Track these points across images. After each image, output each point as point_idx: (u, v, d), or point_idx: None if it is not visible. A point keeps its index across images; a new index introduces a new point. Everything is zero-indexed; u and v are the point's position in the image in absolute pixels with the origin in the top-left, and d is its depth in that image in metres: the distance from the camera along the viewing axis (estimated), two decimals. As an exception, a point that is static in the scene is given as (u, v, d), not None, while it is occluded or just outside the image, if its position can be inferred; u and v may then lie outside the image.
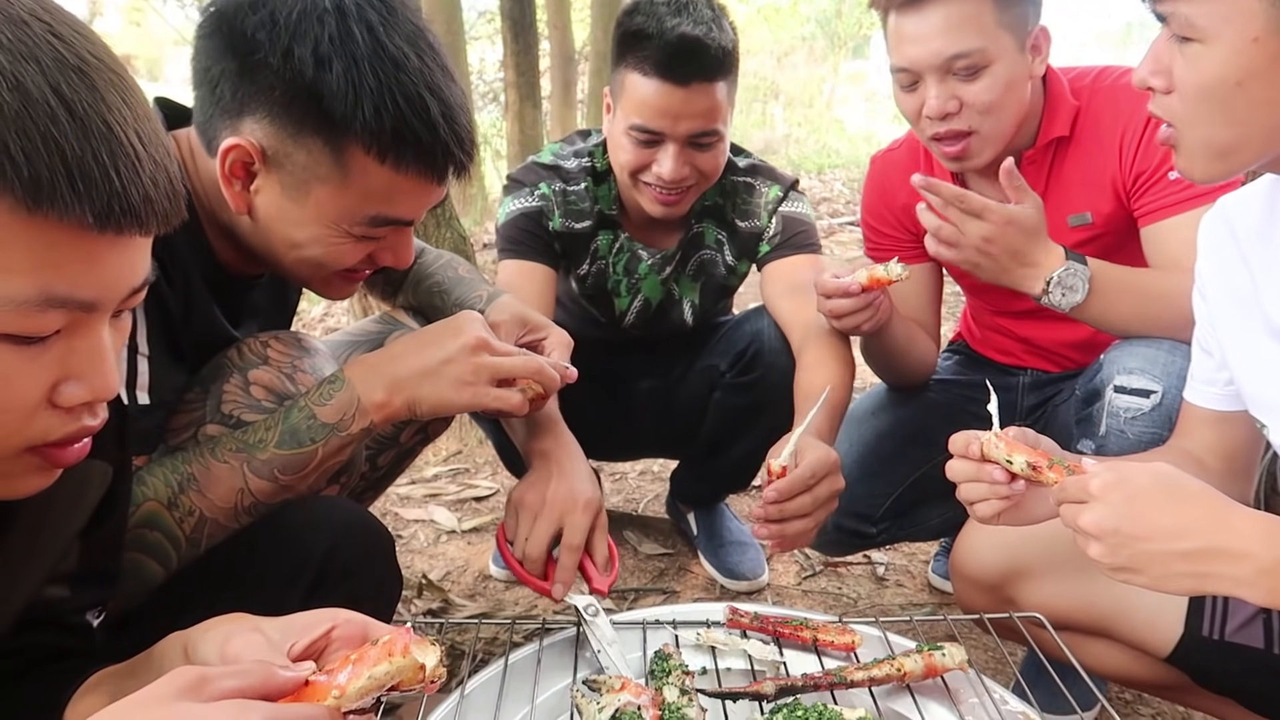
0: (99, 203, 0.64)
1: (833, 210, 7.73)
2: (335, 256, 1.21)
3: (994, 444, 1.10)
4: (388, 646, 0.75)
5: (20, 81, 0.62)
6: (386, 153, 1.12)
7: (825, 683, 1.17)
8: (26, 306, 0.65)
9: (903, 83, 1.62)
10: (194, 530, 1.12)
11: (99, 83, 0.66)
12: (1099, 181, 1.65)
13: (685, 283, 2.07)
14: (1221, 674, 1.27)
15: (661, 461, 2.87)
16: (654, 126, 1.75)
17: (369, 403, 1.19)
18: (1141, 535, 0.96)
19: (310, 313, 5.07)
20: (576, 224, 1.95)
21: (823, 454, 1.44)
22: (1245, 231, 1.18)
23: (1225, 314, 1.22)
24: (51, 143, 0.62)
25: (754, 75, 14.41)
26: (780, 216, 1.97)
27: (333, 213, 1.16)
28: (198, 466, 1.13)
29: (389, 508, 2.64)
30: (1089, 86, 1.67)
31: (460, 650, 1.87)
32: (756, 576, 2.20)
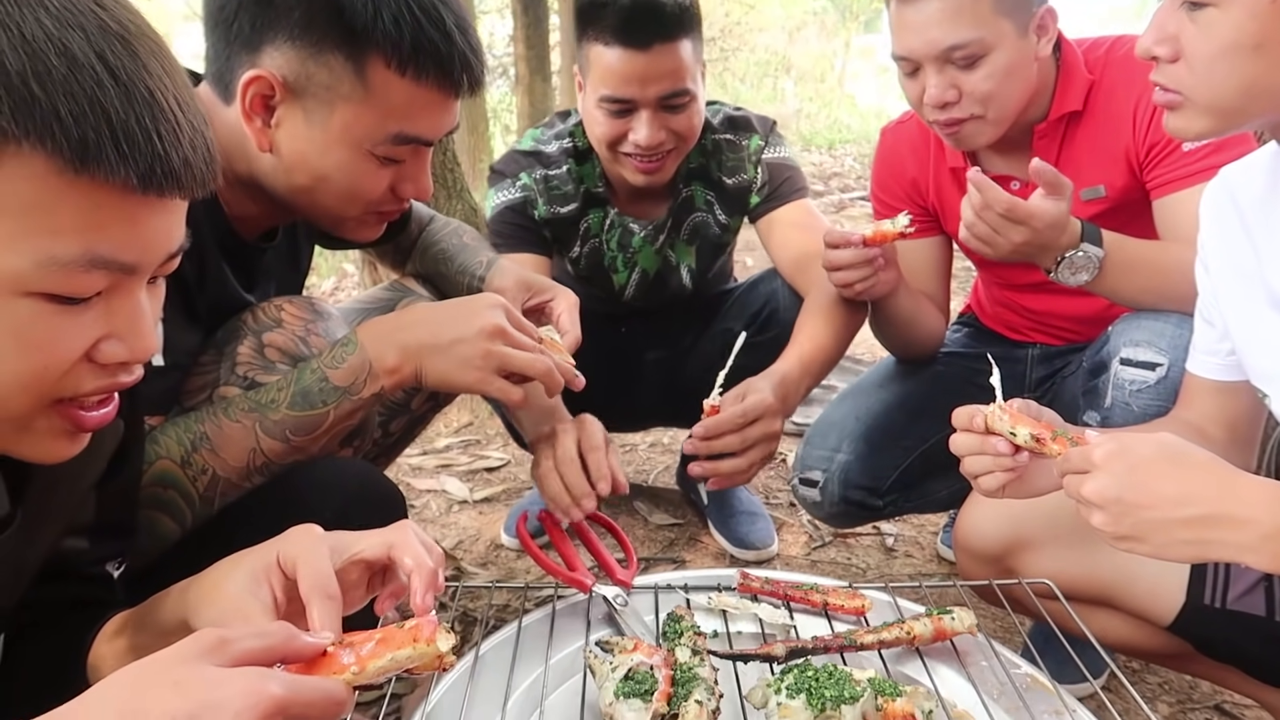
0: (142, 165, 0.66)
1: (844, 185, 7.70)
2: (361, 183, 1.23)
3: (998, 416, 1.12)
4: (413, 631, 0.76)
5: (67, 47, 0.64)
6: (407, 64, 1.16)
7: (835, 645, 1.19)
8: (71, 266, 0.67)
9: (904, 70, 1.63)
10: (207, 488, 1.14)
11: (141, 50, 0.68)
12: (1112, 154, 1.65)
13: (681, 247, 2.07)
14: (1223, 642, 1.28)
15: (671, 433, 2.89)
16: (623, 94, 1.75)
17: (380, 367, 1.20)
18: (1144, 503, 0.97)
19: (321, 286, 5.09)
20: (562, 208, 1.95)
21: (759, 398, 1.54)
22: (1248, 202, 1.18)
23: (1227, 284, 1.23)
24: (98, 107, 0.64)
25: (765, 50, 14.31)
26: (765, 165, 1.98)
27: (357, 132, 1.18)
28: (211, 426, 1.15)
29: (401, 478, 2.66)
30: (1103, 58, 1.66)
31: (473, 616, 1.90)
32: (766, 546, 2.22)
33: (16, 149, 0.63)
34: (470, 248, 1.70)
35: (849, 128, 11.51)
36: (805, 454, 1.92)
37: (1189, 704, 1.71)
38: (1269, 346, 1.18)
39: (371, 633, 0.77)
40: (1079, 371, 1.77)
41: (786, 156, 2.01)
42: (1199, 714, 1.69)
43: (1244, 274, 1.20)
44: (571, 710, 1.11)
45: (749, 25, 13.52)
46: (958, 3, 1.52)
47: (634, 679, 1.04)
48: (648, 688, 1.03)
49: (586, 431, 1.45)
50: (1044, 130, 1.68)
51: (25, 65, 0.63)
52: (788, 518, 2.42)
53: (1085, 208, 1.69)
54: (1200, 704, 1.71)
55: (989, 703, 1.12)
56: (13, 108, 0.63)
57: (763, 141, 1.98)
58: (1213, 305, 1.28)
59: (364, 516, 1.21)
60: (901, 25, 1.58)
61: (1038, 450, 1.10)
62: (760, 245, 2.06)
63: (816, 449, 1.90)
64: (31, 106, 0.63)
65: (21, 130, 0.63)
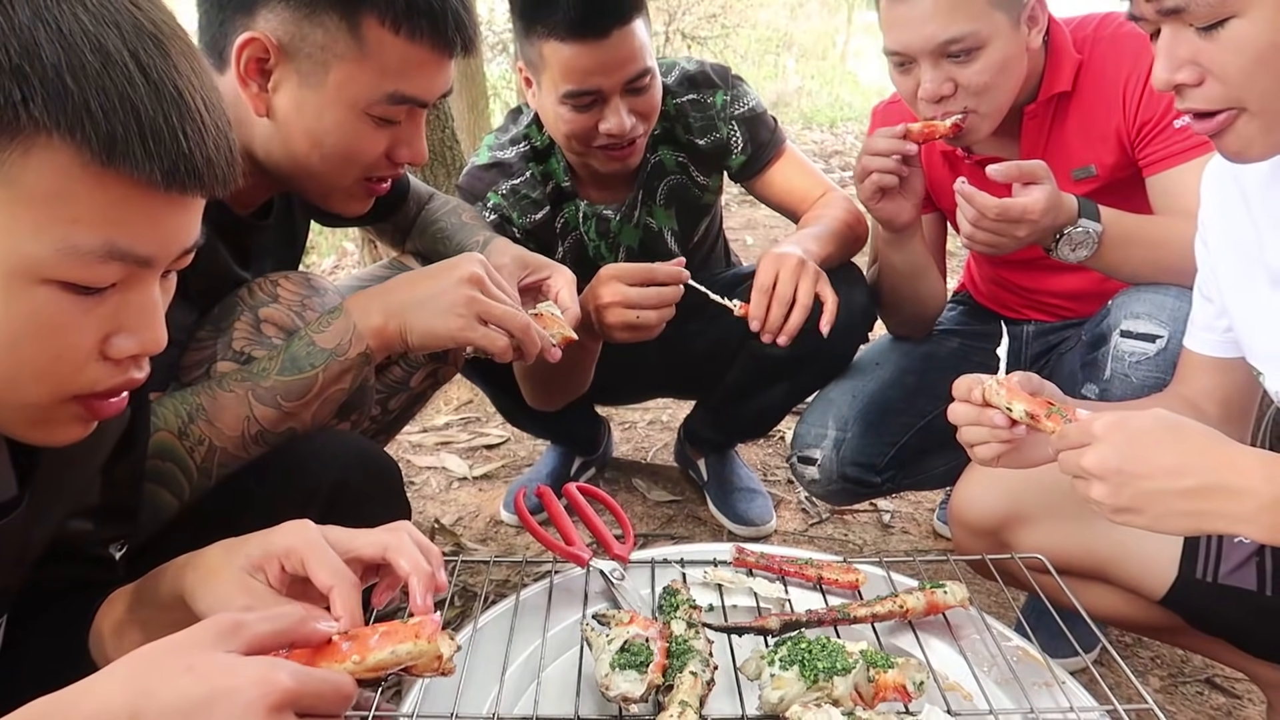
0: (167, 162, 0.68)
1: (844, 163, 7.66)
2: (356, 145, 1.24)
3: (995, 390, 1.13)
4: (415, 629, 0.78)
5: (102, 44, 0.66)
6: (400, 22, 1.18)
7: (829, 618, 1.20)
8: (90, 257, 0.69)
9: (897, 64, 1.62)
10: (204, 459, 1.16)
11: (172, 50, 0.70)
12: (1103, 133, 1.65)
13: (659, 213, 2.04)
14: (1214, 615, 1.30)
15: (670, 411, 2.90)
16: (589, 86, 1.69)
17: (365, 328, 1.22)
18: (1143, 473, 0.98)
19: (321, 265, 5.08)
20: (535, 215, 1.91)
21: (762, 266, 1.64)
22: (1251, 182, 1.18)
23: (1227, 263, 1.23)
24: (128, 103, 0.66)
25: (766, 27, 14.20)
26: (739, 123, 1.96)
27: (352, 91, 1.20)
28: (206, 397, 1.17)
29: (401, 454, 2.68)
30: (1090, 36, 1.66)
31: (472, 591, 1.91)
32: (764, 523, 2.24)
33: (47, 139, 0.65)
34: (469, 226, 1.70)
35: (850, 105, 11.45)
36: (803, 432, 1.93)
37: (1181, 677, 1.73)
38: (1267, 325, 1.18)
39: (375, 626, 0.79)
40: (1078, 346, 1.78)
41: (754, 105, 1.98)
42: (1191, 687, 1.71)
43: (1244, 253, 1.20)
44: (568, 682, 1.13)
45: (750, 1, 13.42)
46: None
47: (630, 651, 1.06)
48: (643, 659, 1.04)
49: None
50: (1034, 111, 1.68)
51: (61, 58, 0.65)
52: (786, 494, 2.44)
53: (1076, 187, 1.70)
54: (1192, 677, 1.73)
55: (980, 675, 1.13)
56: (46, 99, 0.64)
57: (726, 96, 1.95)
58: (1211, 282, 1.28)
59: (362, 486, 1.23)
60: (894, 21, 1.57)
61: (1033, 426, 1.11)
62: (759, 222, 2.07)
63: (814, 426, 1.91)
64: (64, 99, 0.65)
65: (53, 121, 0.65)
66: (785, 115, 10.45)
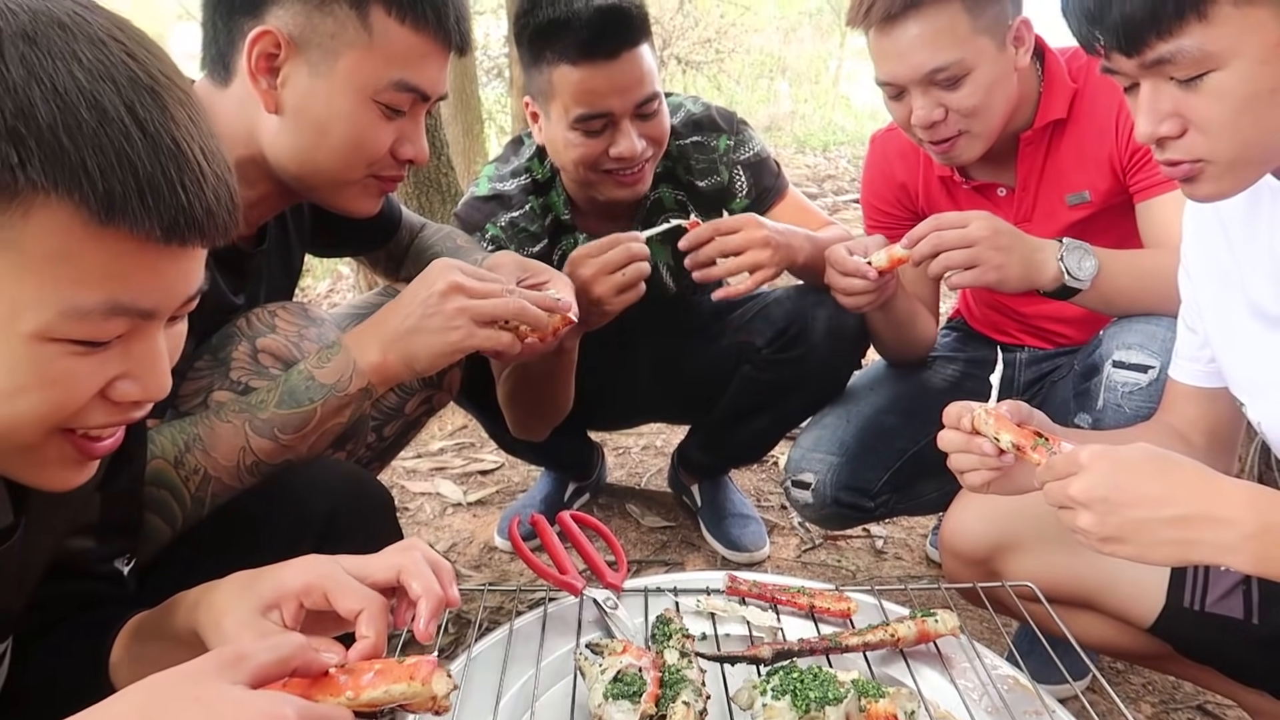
0: (166, 217, 0.68)
1: (837, 187, 7.71)
2: (364, 135, 1.26)
3: (984, 419, 1.14)
4: (411, 669, 0.78)
5: (98, 100, 0.66)
6: (406, 11, 1.24)
7: (821, 647, 1.21)
8: (93, 315, 0.69)
9: (889, 94, 1.65)
10: (199, 488, 1.17)
11: (169, 101, 0.70)
12: (1096, 159, 1.68)
13: (655, 248, 2.04)
14: (1202, 643, 1.31)
15: (664, 436, 2.91)
16: (601, 109, 1.70)
17: (365, 365, 1.24)
18: (1129, 502, 0.99)
19: (315, 289, 5.10)
20: (533, 248, 1.91)
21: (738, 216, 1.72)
22: (1230, 215, 1.20)
23: (1209, 294, 1.25)
24: (125, 159, 0.66)
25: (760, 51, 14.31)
26: (742, 168, 1.98)
27: (360, 77, 1.23)
28: (203, 427, 1.18)
29: (395, 480, 2.68)
30: (1085, 66, 1.69)
31: (466, 618, 1.92)
32: (758, 549, 2.24)
33: (45, 199, 0.65)
34: (464, 249, 1.72)
35: (843, 129, 11.52)
36: (797, 456, 1.94)
37: (1172, 704, 1.74)
38: (1248, 356, 1.20)
39: (372, 661, 0.80)
40: (1071, 374, 1.79)
41: (758, 151, 2.01)
42: (1182, 714, 1.72)
43: (1226, 284, 1.22)
44: (562, 711, 1.13)
45: (744, 26, 13.51)
46: (936, 27, 1.54)
47: (623, 680, 1.06)
48: (636, 689, 1.05)
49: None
50: (1030, 138, 1.71)
51: (56, 117, 0.64)
52: (779, 520, 2.45)
53: (1071, 212, 1.72)
54: (1183, 704, 1.74)
55: (970, 704, 1.14)
56: (43, 159, 0.64)
57: (730, 140, 1.97)
58: (1194, 313, 1.30)
59: (353, 517, 1.24)
60: (882, 53, 1.60)
61: (1019, 456, 1.12)
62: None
63: (808, 451, 1.92)
64: (61, 158, 0.64)
65: (50, 181, 0.64)
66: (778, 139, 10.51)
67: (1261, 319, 1.16)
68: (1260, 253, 1.16)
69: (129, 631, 0.95)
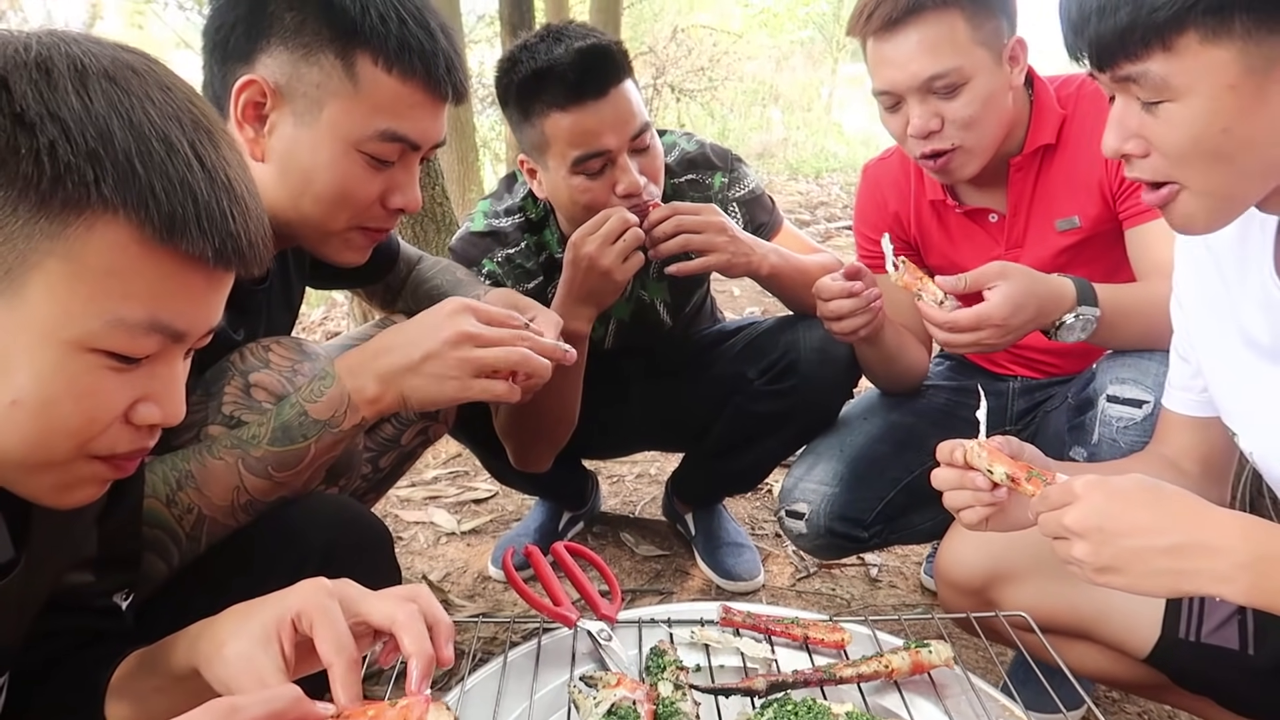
0: (218, 240, 0.75)
1: (830, 214, 7.76)
2: (350, 185, 1.26)
3: (977, 453, 1.14)
4: (404, 711, 0.78)
5: (167, 135, 0.74)
6: (393, 61, 1.23)
7: (815, 679, 1.20)
8: (135, 329, 0.75)
9: (886, 104, 1.67)
10: (193, 527, 1.16)
11: (222, 144, 0.79)
12: (1086, 185, 1.70)
13: (651, 285, 2.07)
14: (1198, 674, 1.31)
15: (658, 464, 2.91)
16: (598, 147, 1.70)
17: (360, 399, 1.22)
18: (1124, 531, 0.99)
19: (310, 316, 5.10)
20: (528, 284, 1.93)
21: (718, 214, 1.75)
22: (1220, 246, 1.22)
23: (1201, 324, 1.26)
24: (187, 187, 0.74)
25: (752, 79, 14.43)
26: (738, 205, 1.99)
27: (345, 126, 1.23)
28: (195, 464, 1.17)
29: (389, 509, 2.67)
30: (1074, 94, 1.71)
31: (460, 649, 1.90)
32: (752, 577, 2.24)
33: (112, 217, 0.71)
34: (464, 283, 1.72)
35: (836, 156, 11.61)
36: (791, 486, 1.94)
37: (1168, 734, 1.73)
38: (1240, 387, 1.21)
39: (366, 706, 0.80)
40: (1064, 406, 1.80)
41: (753, 188, 2.03)
42: (1178, 744, 1.71)
43: (1217, 314, 1.23)
44: (556, 745, 1.13)
45: (736, 55, 13.63)
46: (936, 34, 1.57)
47: (617, 713, 1.06)
48: (630, 723, 1.04)
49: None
50: (1020, 163, 1.73)
51: (132, 146, 0.72)
52: (774, 549, 2.44)
53: (1061, 238, 1.74)
54: (1180, 734, 1.73)
55: (966, 736, 1.14)
56: (116, 180, 0.71)
57: (725, 178, 1.99)
58: (1187, 342, 1.31)
59: (350, 552, 1.23)
60: (881, 61, 1.62)
61: (1013, 488, 1.13)
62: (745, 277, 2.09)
63: (802, 480, 1.92)
64: (132, 181, 0.72)
65: (120, 200, 0.71)
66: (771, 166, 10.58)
67: (1253, 349, 1.17)
68: (1251, 284, 1.17)
69: (126, 669, 0.95)
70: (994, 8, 1.61)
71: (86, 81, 0.72)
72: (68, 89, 0.71)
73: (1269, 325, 1.14)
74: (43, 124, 0.69)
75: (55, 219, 0.70)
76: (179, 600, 1.15)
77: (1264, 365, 1.16)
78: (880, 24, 1.59)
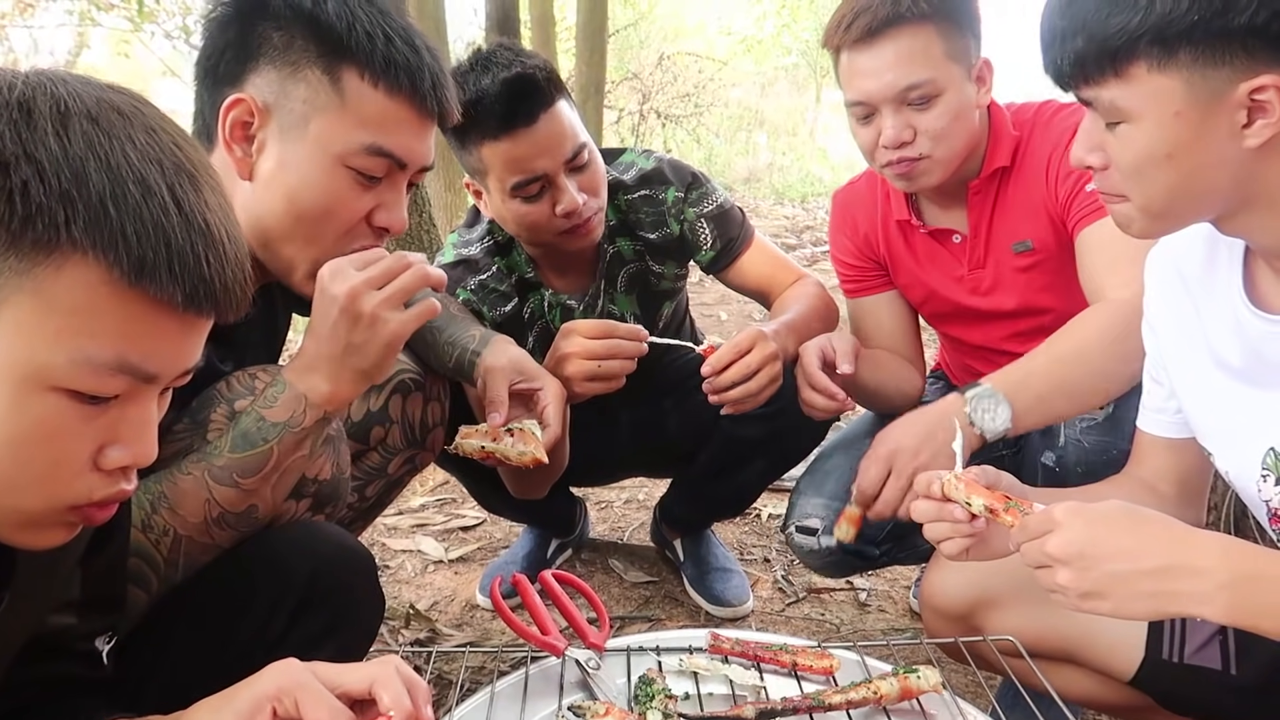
0: (189, 285, 0.74)
1: (815, 238, 7.81)
2: (335, 200, 1.25)
3: (954, 485, 1.16)
4: None
5: (145, 178, 0.73)
6: (379, 76, 1.23)
7: (804, 706, 1.21)
8: (101, 368, 0.73)
9: (858, 115, 1.69)
10: (171, 550, 1.15)
11: (204, 186, 0.78)
12: (1035, 208, 1.73)
13: (621, 299, 2.08)
14: (1182, 695, 1.31)
15: (646, 489, 2.91)
16: (534, 173, 1.73)
17: (318, 396, 1.20)
18: (1106, 555, 1.00)
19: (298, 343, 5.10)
20: (505, 307, 1.95)
21: (748, 332, 1.71)
22: (1189, 270, 1.24)
23: (1173, 347, 1.28)
24: (160, 230, 0.73)
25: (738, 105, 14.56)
26: (706, 220, 2.01)
27: (331, 139, 1.23)
28: (167, 484, 1.16)
29: (376, 538, 2.66)
30: (1030, 120, 1.74)
31: (448, 679, 1.90)
32: (741, 603, 2.24)
33: (81, 257, 0.71)
34: (459, 319, 1.71)
35: (821, 180, 11.70)
36: (802, 502, 1.93)
37: (1157, 756, 1.73)
38: (1213, 407, 1.23)
39: None
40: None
41: (721, 202, 2.03)
42: (1167, 766, 1.71)
43: (1188, 337, 1.25)
44: (544, 776, 1.13)
45: (722, 81, 13.76)
46: (912, 46, 1.61)
47: (605, 743, 1.06)
48: (619, 752, 1.04)
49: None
50: (978, 187, 1.75)
51: (106, 188, 0.71)
52: (762, 573, 2.44)
53: (1016, 259, 1.77)
54: (1168, 756, 1.73)
55: (954, 761, 1.14)
56: (87, 222, 0.70)
57: (680, 193, 2.00)
58: (1159, 365, 1.33)
59: (334, 580, 1.23)
60: (856, 72, 1.65)
61: (992, 519, 1.14)
62: (733, 299, 2.11)
63: (814, 497, 1.92)
64: (104, 223, 0.71)
65: (90, 242, 0.70)
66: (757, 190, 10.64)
67: (1224, 370, 1.19)
68: (1220, 306, 1.19)
69: None
70: (965, 26, 1.65)
71: (68, 123, 0.72)
72: (47, 130, 0.71)
73: (1239, 347, 1.17)
74: (17, 164, 0.69)
75: (25, 257, 0.70)
76: (160, 635, 1.15)
77: (1235, 385, 1.18)
78: (859, 34, 1.62)
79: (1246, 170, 1.03)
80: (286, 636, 1.17)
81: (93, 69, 11.83)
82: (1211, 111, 1.01)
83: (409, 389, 1.63)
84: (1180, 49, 0.99)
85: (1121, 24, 1.00)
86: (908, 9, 1.60)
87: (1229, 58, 0.98)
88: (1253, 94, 0.98)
